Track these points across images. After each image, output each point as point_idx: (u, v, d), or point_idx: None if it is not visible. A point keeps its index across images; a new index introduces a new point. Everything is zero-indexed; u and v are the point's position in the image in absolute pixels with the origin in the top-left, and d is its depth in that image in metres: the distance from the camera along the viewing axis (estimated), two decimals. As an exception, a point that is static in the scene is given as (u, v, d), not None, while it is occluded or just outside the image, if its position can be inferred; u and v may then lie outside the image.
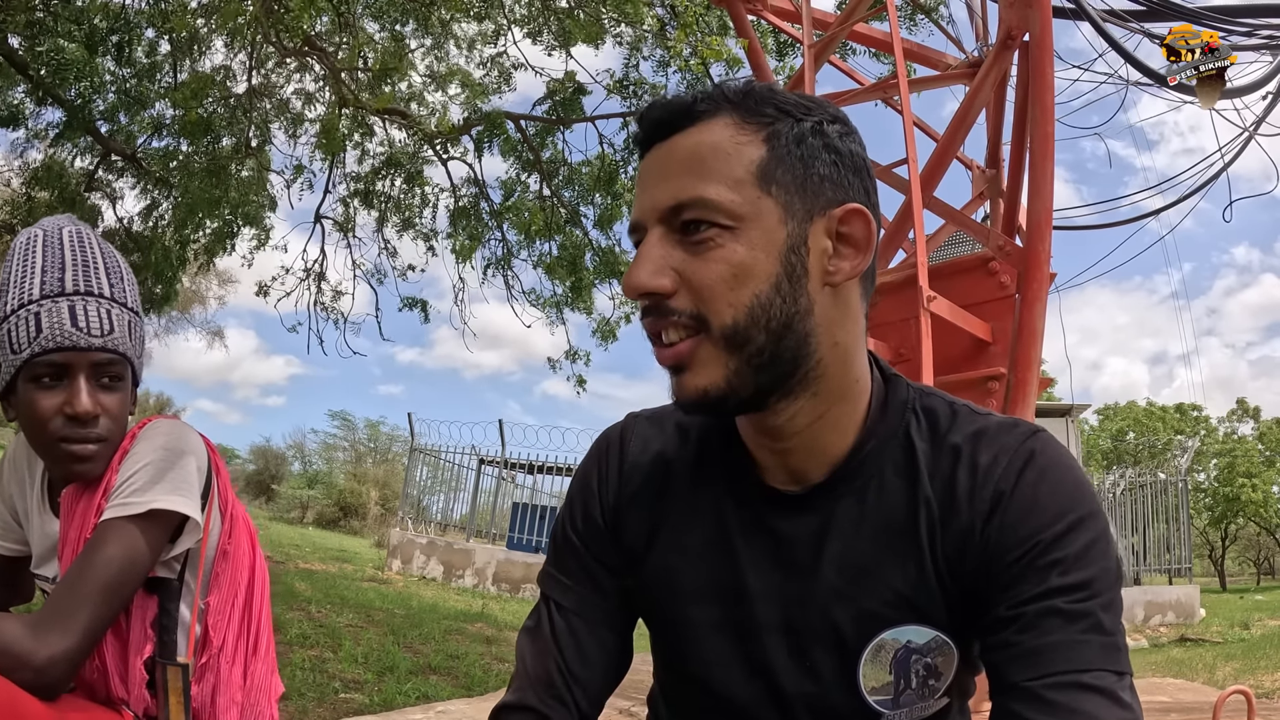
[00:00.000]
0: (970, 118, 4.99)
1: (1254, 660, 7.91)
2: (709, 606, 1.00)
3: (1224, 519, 40.07)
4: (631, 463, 1.09)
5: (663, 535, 1.04)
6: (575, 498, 1.12)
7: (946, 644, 0.94)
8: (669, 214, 0.88)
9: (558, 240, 9.85)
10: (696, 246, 0.87)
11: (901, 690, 0.94)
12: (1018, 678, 0.83)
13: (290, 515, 27.15)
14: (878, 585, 0.93)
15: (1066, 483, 0.90)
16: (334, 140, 8.39)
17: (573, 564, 1.09)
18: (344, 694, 4.31)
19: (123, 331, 1.42)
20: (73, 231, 1.45)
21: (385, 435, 34.10)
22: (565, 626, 1.06)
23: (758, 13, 6.65)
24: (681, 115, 0.91)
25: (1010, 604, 0.86)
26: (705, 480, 1.04)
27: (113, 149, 9.15)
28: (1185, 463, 17.18)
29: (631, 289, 0.89)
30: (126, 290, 1.47)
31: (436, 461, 15.51)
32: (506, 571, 12.73)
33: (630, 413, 1.16)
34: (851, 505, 0.95)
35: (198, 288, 25.25)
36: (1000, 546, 0.88)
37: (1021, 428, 0.94)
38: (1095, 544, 0.87)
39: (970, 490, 0.91)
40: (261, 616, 1.53)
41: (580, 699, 1.04)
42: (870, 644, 0.93)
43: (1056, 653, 0.82)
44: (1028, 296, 4.33)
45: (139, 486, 1.33)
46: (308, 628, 5.87)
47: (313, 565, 11.37)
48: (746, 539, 0.99)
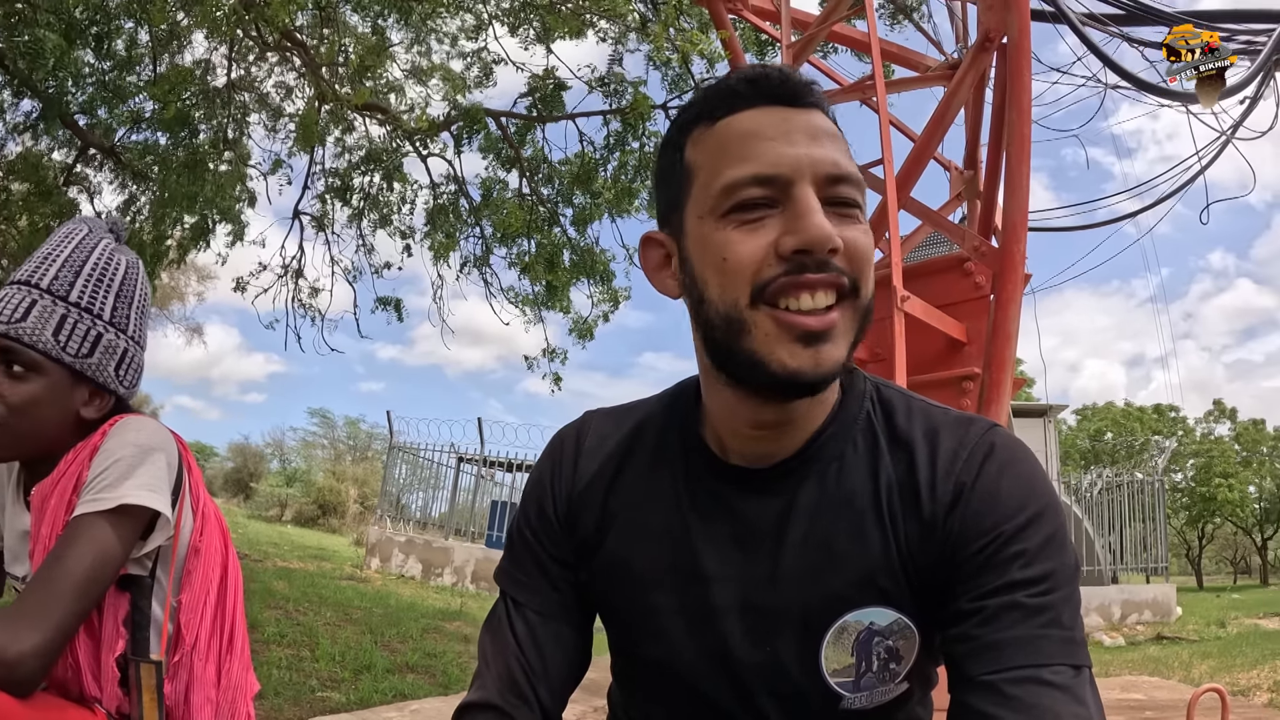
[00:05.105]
0: (948, 119, 5.01)
1: (1230, 658, 7.99)
2: (665, 590, 1.01)
3: (1200, 519, 40.54)
4: (587, 457, 1.09)
5: (618, 523, 1.05)
6: (530, 495, 1.12)
7: (908, 627, 0.94)
8: (827, 181, 0.88)
9: (535, 239, 9.84)
10: (847, 219, 0.88)
11: (863, 672, 0.95)
12: (977, 671, 0.84)
13: (269, 513, 26.97)
14: (842, 566, 0.94)
15: (1026, 476, 0.92)
16: (310, 134, 8.34)
17: (529, 561, 1.09)
18: (320, 692, 4.30)
19: (40, 323, 1.40)
20: (75, 230, 1.48)
21: (365, 433, 34.02)
22: (524, 624, 1.06)
23: (737, 11, 6.66)
24: (805, 92, 0.91)
25: (972, 596, 0.87)
26: (662, 466, 1.05)
27: (91, 142, 9.06)
28: (1162, 463, 17.33)
29: (824, 241, 0.84)
30: (85, 292, 1.45)
31: (415, 459, 15.48)
32: (485, 570, 12.69)
33: (587, 410, 1.16)
34: (813, 487, 0.96)
35: (176, 284, 25.02)
36: (962, 538, 0.89)
37: (979, 422, 0.96)
38: (1054, 537, 0.88)
39: (931, 481, 0.92)
40: (235, 614, 1.53)
41: (543, 695, 1.04)
42: (833, 626, 0.94)
43: (1016, 647, 0.83)
44: (1002, 297, 4.36)
45: (110, 482, 1.32)
46: (285, 626, 5.84)
47: (291, 564, 11.31)
48: (704, 520, 1.00)
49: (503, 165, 9.96)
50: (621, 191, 9.60)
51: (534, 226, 9.79)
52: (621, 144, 9.45)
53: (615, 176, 9.60)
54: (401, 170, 10.32)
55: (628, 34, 8.82)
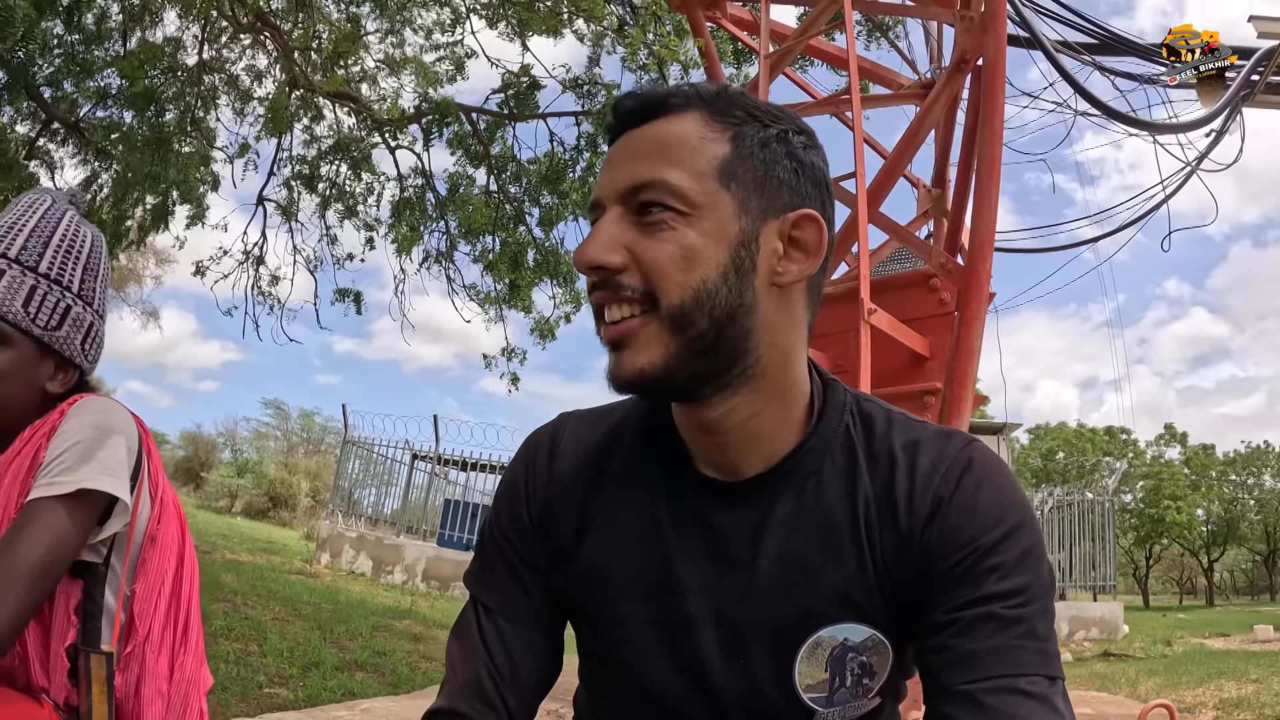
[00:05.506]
0: (920, 137, 5.08)
1: (1176, 676, 8.16)
2: (638, 600, 0.99)
3: (1149, 539, 41.42)
4: (562, 460, 1.08)
5: (593, 529, 1.03)
6: (502, 498, 1.10)
7: (882, 643, 0.94)
8: (628, 194, 0.90)
9: (500, 237, 9.78)
10: (650, 227, 0.88)
11: (836, 688, 0.95)
12: (953, 681, 0.84)
13: (218, 504, 26.60)
14: (817, 582, 0.93)
15: (1004, 490, 0.92)
16: (280, 119, 8.22)
17: (500, 565, 1.07)
18: (268, 689, 4.22)
19: (9, 294, 1.37)
20: (39, 200, 1.45)
21: (319, 426, 33.72)
22: (493, 629, 1.04)
23: (716, 20, 6.69)
24: (655, 106, 0.93)
25: (947, 608, 0.87)
26: (639, 473, 1.04)
27: (55, 116, 8.84)
28: (1113, 483, 17.66)
29: (582, 261, 0.89)
30: (55, 263, 1.43)
31: (369, 455, 15.33)
32: (436, 569, 12.62)
33: (562, 413, 1.15)
34: (789, 501, 0.96)
35: (134, 265, 24.57)
36: (939, 551, 0.89)
37: (958, 436, 0.97)
38: (1030, 551, 0.89)
39: (909, 494, 0.93)
40: (190, 606, 1.48)
41: (511, 702, 1.02)
42: (807, 641, 0.94)
43: (992, 657, 0.83)
44: (966, 315, 4.42)
45: (68, 465, 1.28)
46: (233, 620, 5.75)
47: (240, 556, 11.15)
48: (679, 531, 0.99)
49: (471, 161, 9.89)
50: (589, 193, 9.57)
51: (499, 224, 9.72)
52: (592, 146, 9.43)
53: (584, 178, 9.57)
54: (370, 161, 10.21)
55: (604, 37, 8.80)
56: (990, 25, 4.58)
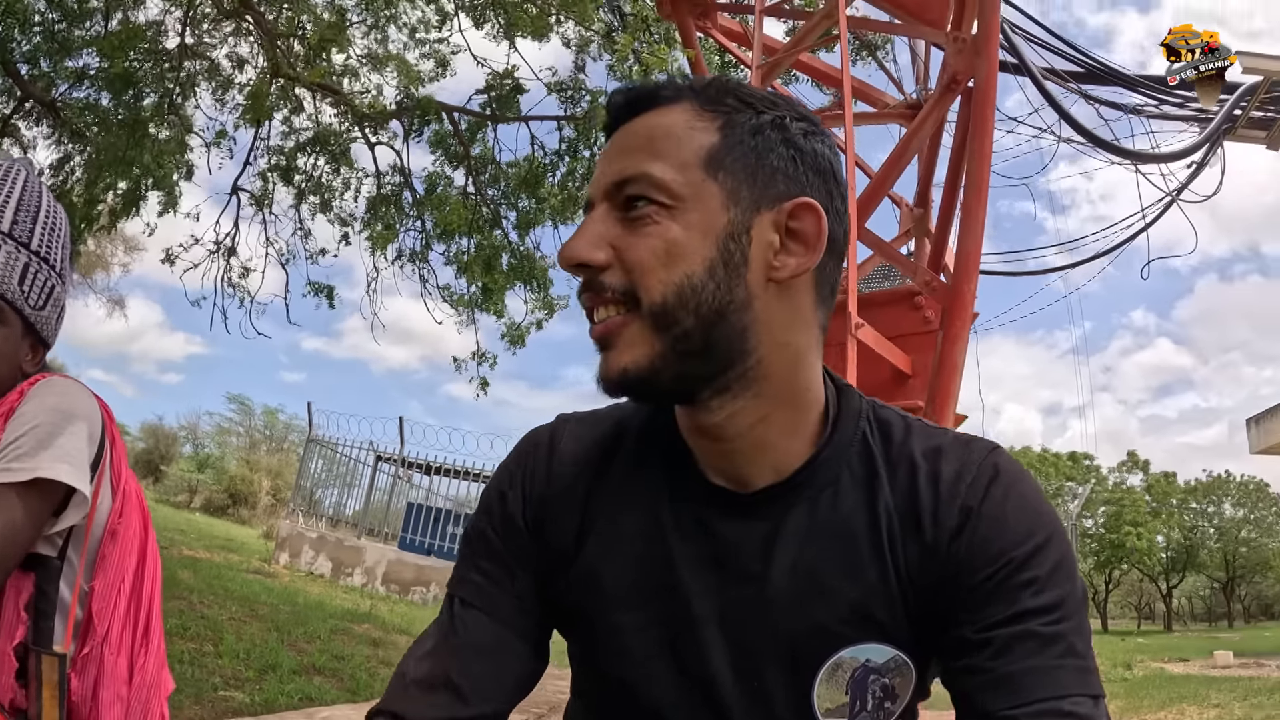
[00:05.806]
0: (907, 156, 5.07)
1: (1137, 699, 8.24)
2: (638, 605, 0.94)
3: (1109, 564, 42.02)
4: (561, 461, 1.02)
5: (593, 535, 0.97)
6: (492, 497, 1.04)
7: (906, 664, 0.89)
8: (614, 190, 0.87)
9: (475, 239, 9.70)
10: (634, 223, 0.85)
11: (857, 712, 0.90)
12: (995, 706, 0.80)
13: (177, 499, 26.23)
14: (834, 599, 0.88)
15: (1032, 500, 0.88)
16: (260, 108, 8.10)
17: (486, 566, 1.00)
18: (223, 691, 4.10)
19: (7, 271, 1.31)
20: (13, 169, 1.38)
21: (283, 424, 33.30)
22: (472, 631, 0.97)
23: (706, 30, 6.66)
24: (645, 100, 0.90)
25: (979, 626, 0.83)
26: (641, 478, 0.98)
27: (31, 94, 8.65)
28: (1076, 508, 17.82)
29: (565, 259, 0.87)
30: (44, 241, 1.37)
31: (333, 455, 15.16)
32: (397, 572, 12.47)
33: (561, 414, 1.09)
34: (803, 514, 0.90)
35: (102, 251, 24.16)
36: (969, 564, 0.85)
37: (980, 442, 0.92)
38: (1063, 563, 0.85)
39: (934, 505, 0.88)
40: (152, 605, 1.39)
41: (484, 708, 0.94)
42: (827, 662, 0.89)
43: (1034, 679, 0.79)
44: (950, 333, 4.40)
45: (25, 451, 1.20)
46: (188, 619, 5.62)
47: (197, 553, 10.96)
48: (682, 534, 0.93)
49: (450, 161, 9.81)
50: (568, 198, 9.52)
51: (475, 226, 9.66)
52: (573, 151, 9.38)
53: (563, 183, 9.53)
54: (349, 155, 10.10)
55: (589, 43, 8.77)
56: (982, 48, 4.58)
